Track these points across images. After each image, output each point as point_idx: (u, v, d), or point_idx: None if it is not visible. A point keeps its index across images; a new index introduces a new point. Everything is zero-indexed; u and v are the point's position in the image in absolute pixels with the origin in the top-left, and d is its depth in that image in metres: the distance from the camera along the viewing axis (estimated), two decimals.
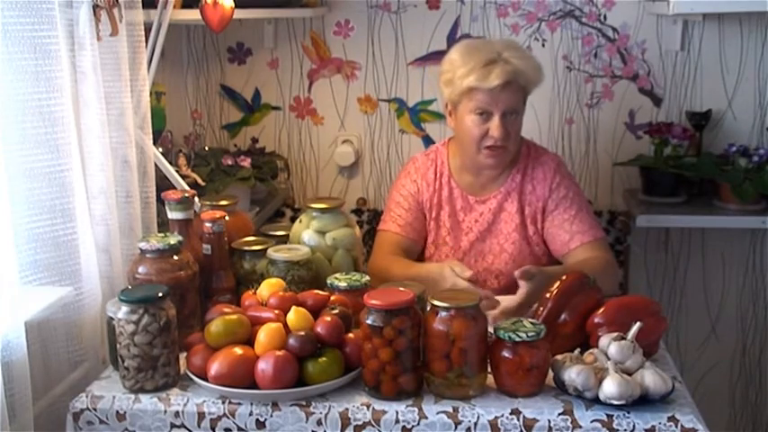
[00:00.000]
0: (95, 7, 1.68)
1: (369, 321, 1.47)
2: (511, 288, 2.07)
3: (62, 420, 1.51)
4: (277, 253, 1.80)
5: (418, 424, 1.45)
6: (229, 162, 2.50)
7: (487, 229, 2.18)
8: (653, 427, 1.40)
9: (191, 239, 1.76)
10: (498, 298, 1.84)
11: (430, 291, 1.62)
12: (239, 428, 1.47)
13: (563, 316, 1.62)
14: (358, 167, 2.87)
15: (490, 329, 1.52)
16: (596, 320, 1.60)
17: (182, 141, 2.73)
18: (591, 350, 1.54)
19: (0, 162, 1.42)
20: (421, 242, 2.23)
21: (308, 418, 1.46)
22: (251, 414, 1.47)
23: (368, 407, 1.47)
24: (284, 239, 1.95)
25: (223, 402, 1.49)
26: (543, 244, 2.16)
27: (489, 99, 2.03)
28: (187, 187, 2.13)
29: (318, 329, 1.52)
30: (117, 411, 1.49)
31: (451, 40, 2.70)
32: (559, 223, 2.12)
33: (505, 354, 1.48)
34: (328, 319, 1.53)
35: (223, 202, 1.93)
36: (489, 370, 1.52)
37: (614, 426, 1.41)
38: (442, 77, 2.13)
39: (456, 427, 1.44)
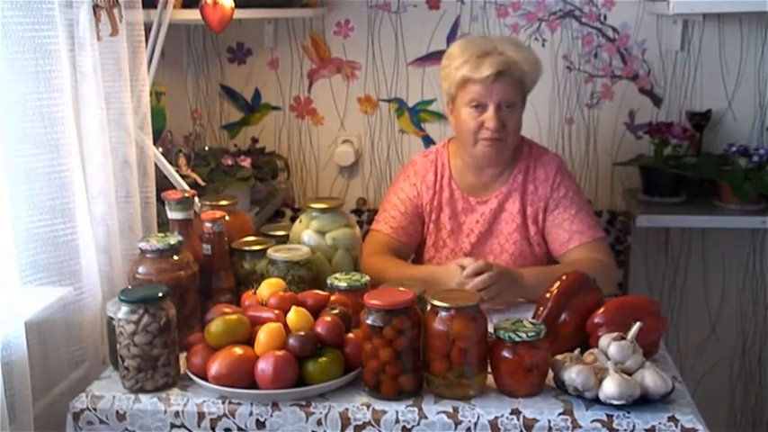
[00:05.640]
0: (95, 7, 1.67)
1: (369, 321, 1.47)
2: None
3: (62, 420, 1.51)
4: (277, 253, 1.80)
5: (418, 424, 1.45)
6: (229, 162, 2.50)
7: (488, 230, 2.18)
8: (653, 427, 1.40)
9: (191, 239, 1.76)
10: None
11: (430, 291, 1.62)
12: (239, 428, 1.47)
13: (563, 316, 1.62)
14: (358, 167, 2.87)
15: (490, 329, 1.52)
16: (596, 320, 1.60)
17: (182, 141, 2.73)
18: (591, 350, 1.54)
19: (0, 162, 1.42)
20: (412, 246, 2.22)
21: (308, 418, 1.46)
22: (251, 414, 1.47)
23: (368, 407, 1.47)
24: (284, 239, 1.95)
25: (223, 402, 1.49)
26: (544, 244, 2.16)
27: (483, 90, 2.04)
28: (187, 187, 2.13)
29: (318, 329, 1.52)
30: (117, 411, 1.49)
31: (451, 40, 2.70)
32: (559, 223, 2.12)
33: (505, 354, 1.48)
34: (328, 319, 1.53)
35: (223, 202, 1.93)
36: (489, 370, 1.52)
37: (614, 426, 1.41)
38: (441, 72, 2.15)
39: (456, 427, 1.44)
